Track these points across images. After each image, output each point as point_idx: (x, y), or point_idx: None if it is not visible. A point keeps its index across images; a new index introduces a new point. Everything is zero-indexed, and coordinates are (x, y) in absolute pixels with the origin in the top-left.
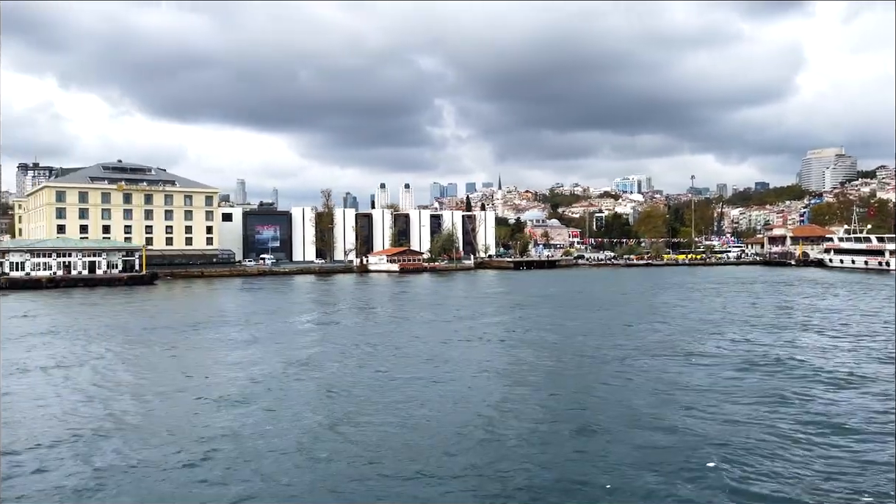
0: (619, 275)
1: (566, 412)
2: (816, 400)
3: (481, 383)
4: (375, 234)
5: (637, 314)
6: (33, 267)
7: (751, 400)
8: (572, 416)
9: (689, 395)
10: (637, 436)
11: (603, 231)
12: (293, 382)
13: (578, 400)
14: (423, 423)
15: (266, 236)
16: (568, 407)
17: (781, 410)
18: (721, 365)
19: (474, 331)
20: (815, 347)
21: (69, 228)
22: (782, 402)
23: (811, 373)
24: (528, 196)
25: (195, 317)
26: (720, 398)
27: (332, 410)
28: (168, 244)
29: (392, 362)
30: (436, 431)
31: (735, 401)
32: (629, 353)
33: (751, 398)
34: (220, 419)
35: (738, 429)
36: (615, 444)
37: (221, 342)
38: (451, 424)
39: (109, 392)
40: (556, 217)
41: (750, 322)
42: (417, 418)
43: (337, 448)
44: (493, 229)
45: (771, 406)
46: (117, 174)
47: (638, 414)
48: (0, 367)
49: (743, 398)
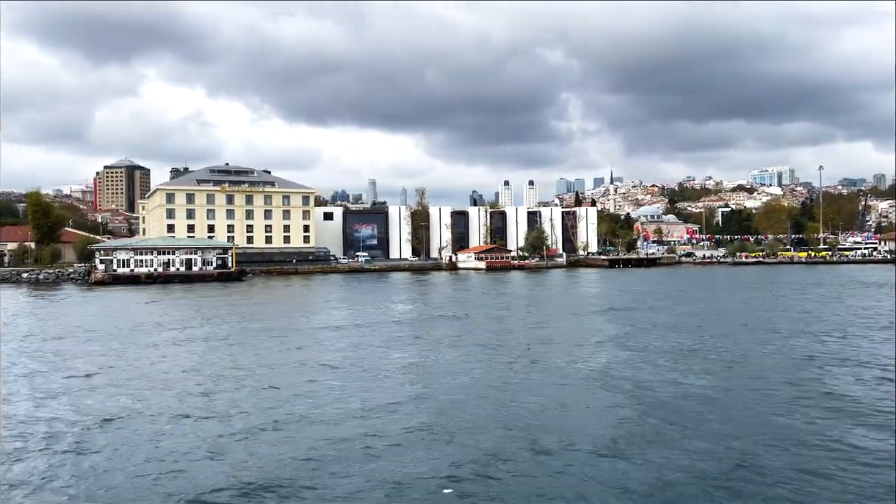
0: (715, 274)
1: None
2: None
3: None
4: (471, 231)
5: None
6: (136, 264)
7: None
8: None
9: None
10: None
11: (721, 227)
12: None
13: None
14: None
15: (364, 234)
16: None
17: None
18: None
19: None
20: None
21: (178, 228)
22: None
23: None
24: (653, 191)
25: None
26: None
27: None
28: (267, 242)
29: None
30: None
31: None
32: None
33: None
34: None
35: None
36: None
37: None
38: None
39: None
40: (673, 212)
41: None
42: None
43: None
44: (595, 226)
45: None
46: (223, 176)
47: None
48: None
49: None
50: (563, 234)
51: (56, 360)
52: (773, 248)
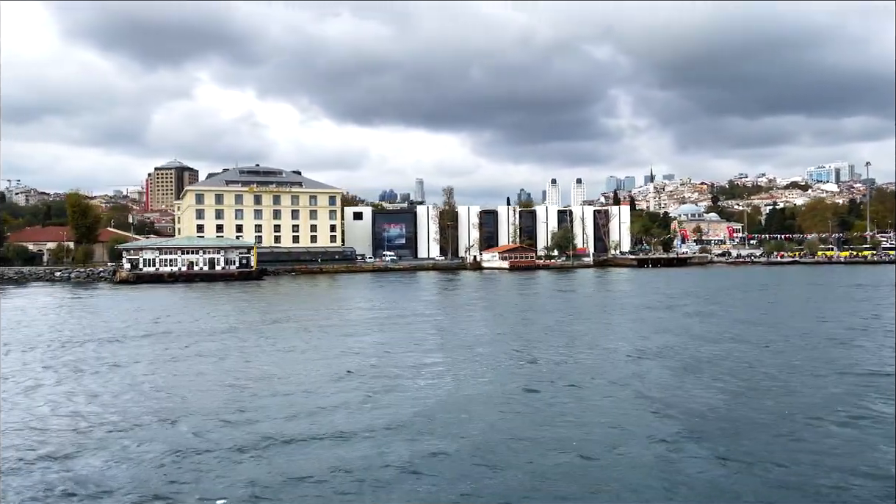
0: (744, 274)
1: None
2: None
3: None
4: (500, 230)
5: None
6: (161, 263)
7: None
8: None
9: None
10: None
11: (764, 226)
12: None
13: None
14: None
15: (393, 234)
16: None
17: None
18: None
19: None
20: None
21: (207, 228)
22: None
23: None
24: (701, 188)
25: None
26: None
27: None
28: (294, 242)
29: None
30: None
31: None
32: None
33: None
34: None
35: None
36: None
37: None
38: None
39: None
40: (716, 210)
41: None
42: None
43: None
44: (628, 225)
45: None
46: (251, 177)
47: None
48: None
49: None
50: (594, 233)
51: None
52: (812, 247)
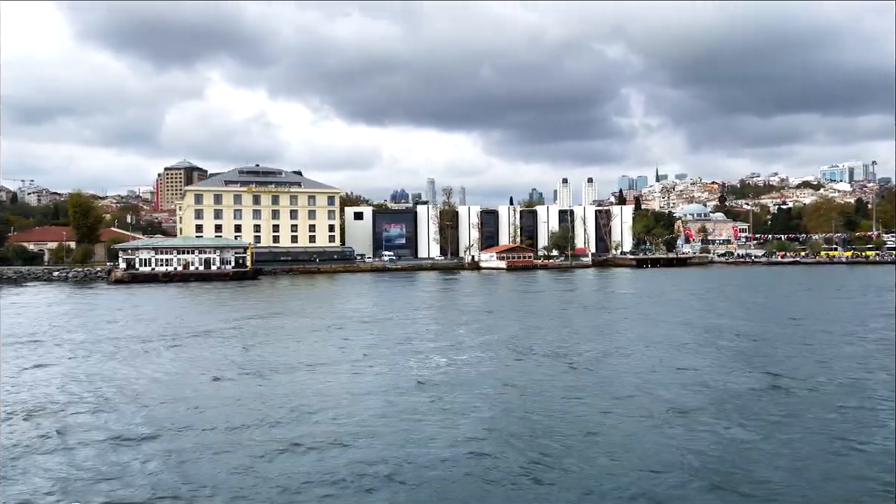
0: (738, 274)
1: None
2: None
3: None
4: (501, 230)
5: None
6: (157, 263)
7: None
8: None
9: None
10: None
11: (770, 226)
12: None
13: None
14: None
15: (393, 234)
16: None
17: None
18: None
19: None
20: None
21: (206, 228)
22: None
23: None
24: (712, 188)
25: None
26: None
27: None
28: (293, 242)
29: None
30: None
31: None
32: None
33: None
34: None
35: None
36: None
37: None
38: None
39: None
40: (722, 210)
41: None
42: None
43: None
44: (630, 224)
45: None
46: (250, 177)
47: None
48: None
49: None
50: (596, 233)
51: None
52: (815, 246)
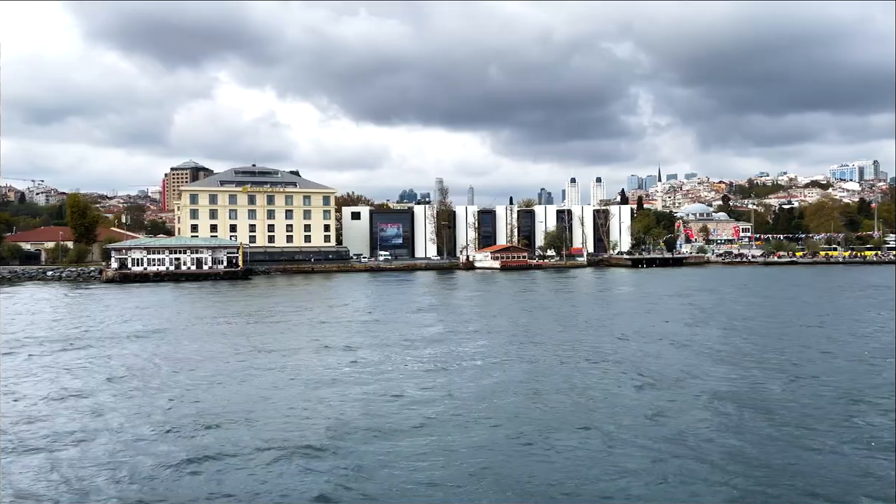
0: (729, 274)
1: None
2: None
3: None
4: (499, 230)
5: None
6: (149, 263)
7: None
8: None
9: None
10: None
11: (771, 226)
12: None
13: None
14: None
15: (390, 234)
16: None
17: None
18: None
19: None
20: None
21: (201, 228)
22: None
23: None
24: (719, 187)
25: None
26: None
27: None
28: (288, 242)
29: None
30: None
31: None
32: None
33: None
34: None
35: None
36: None
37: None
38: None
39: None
40: (725, 210)
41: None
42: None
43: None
44: (628, 224)
45: None
46: (246, 177)
47: None
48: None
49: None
50: (594, 233)
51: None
52: (813, 246)
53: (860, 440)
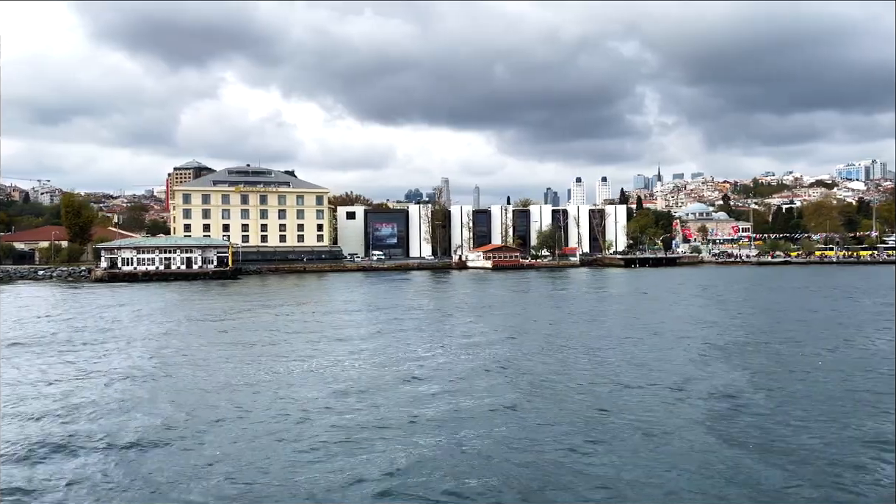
0: (713, 273)
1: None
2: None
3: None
4: (493, 230)
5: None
6: (139, 262)
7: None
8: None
9: None
10: None
11: (770, 225)
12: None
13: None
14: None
15: (385, 233)
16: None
17: None
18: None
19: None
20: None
21: (194, 227)
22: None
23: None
24: (723, 187)
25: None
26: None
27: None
28: (281, 241)
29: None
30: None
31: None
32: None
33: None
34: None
35: None
36: None
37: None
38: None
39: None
40: (726, 209)
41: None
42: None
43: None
44: (624, 224)
45: None
46: (240, 177)
47: None
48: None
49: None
50: (589, 232)
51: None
52: (808, 246)
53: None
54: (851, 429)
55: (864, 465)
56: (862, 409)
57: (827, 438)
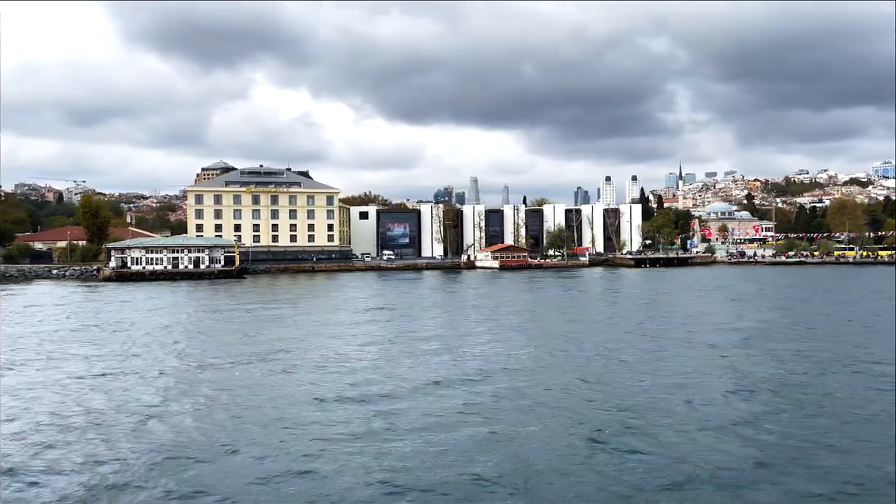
0: (717, 273)
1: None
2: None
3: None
4: (506, 230)
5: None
6: (147, 262)
7: None
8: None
9: None
10: None
11: (791, 225)
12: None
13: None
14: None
15: (397, 233)
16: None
17: None
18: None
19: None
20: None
21: (206, 227)
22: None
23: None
24: (754, 185)
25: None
26: None
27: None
28: (292, 241)
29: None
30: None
31: None
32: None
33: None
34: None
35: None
36: None
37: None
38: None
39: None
40: (749, 209)
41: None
42: None
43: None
44: (639, 224)
45: None
46: (251, 178)
47: None
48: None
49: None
50: (603, 232)
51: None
52: (826, 246)
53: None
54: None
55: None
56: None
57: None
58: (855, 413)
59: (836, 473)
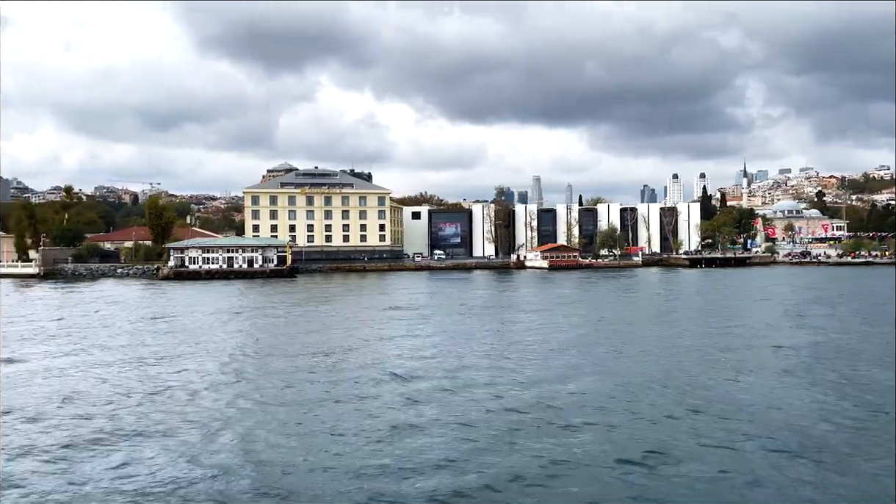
0: (769, 273)
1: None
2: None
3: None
4: (559, 230)
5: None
6: (204, 262)
7: None
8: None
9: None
10: None
11: (865, 223)
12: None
13: None
14: None
15: (448, 233)
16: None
17: None
18: None
19: None
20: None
21: (262, 228)
22: None
23: None
24: (829, 182)
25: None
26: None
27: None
28: (344, 241)
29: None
30: None
31: None
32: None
33: None
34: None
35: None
36: None
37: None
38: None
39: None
40: (819, 207)
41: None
42: None
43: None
44: (697, 223)
45: None
46: (306, 179)
47: None
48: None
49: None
50: (660, 231)
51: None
52: (893, 246)
53: None
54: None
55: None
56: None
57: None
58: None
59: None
